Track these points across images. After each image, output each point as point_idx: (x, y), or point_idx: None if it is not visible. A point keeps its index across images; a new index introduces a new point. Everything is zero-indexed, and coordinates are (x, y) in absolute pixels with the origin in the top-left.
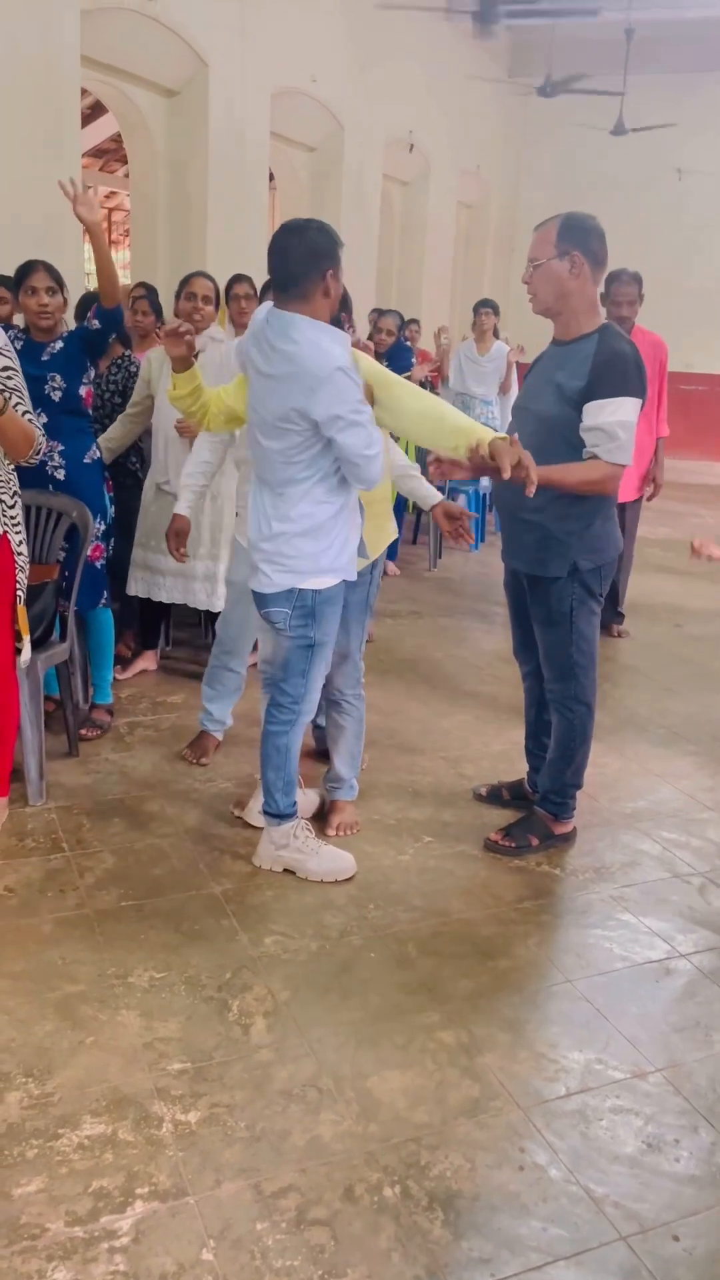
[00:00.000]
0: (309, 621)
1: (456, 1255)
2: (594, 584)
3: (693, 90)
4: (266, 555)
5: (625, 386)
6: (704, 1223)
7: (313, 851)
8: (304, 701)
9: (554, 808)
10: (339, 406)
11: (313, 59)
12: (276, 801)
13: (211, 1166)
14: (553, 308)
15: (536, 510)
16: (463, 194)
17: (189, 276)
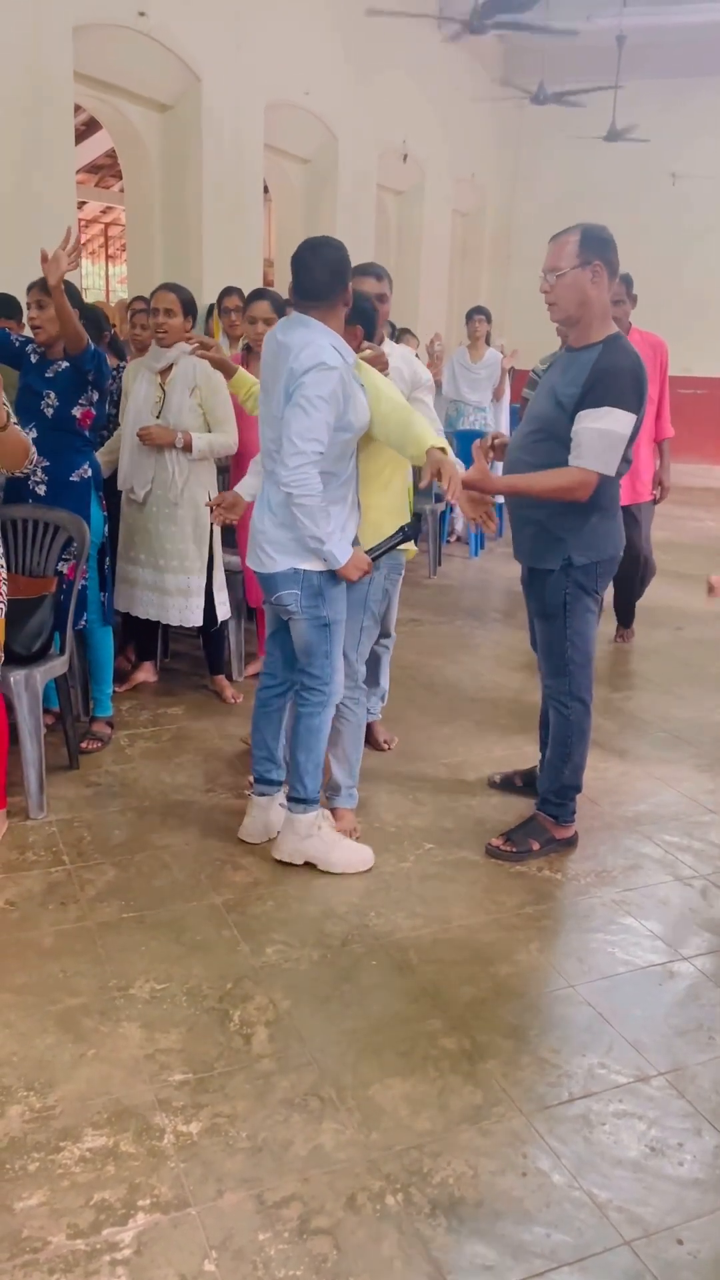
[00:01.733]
0: (318, 601)
1: (459, 1262)
2: (589, 580)
3: (685, 95)
4: (267, 537)
5: (616, 398)
6: (708, 1226)
7: (335, 843)
8: (331, 682)
9: (554, 810)
10: (305, 390)
11: (306, 71)
12: (305, 785)
13: (213, 1177)
14: (573, 315)
15: (536, 507)
16: (457, 202)
17: (154, 290)
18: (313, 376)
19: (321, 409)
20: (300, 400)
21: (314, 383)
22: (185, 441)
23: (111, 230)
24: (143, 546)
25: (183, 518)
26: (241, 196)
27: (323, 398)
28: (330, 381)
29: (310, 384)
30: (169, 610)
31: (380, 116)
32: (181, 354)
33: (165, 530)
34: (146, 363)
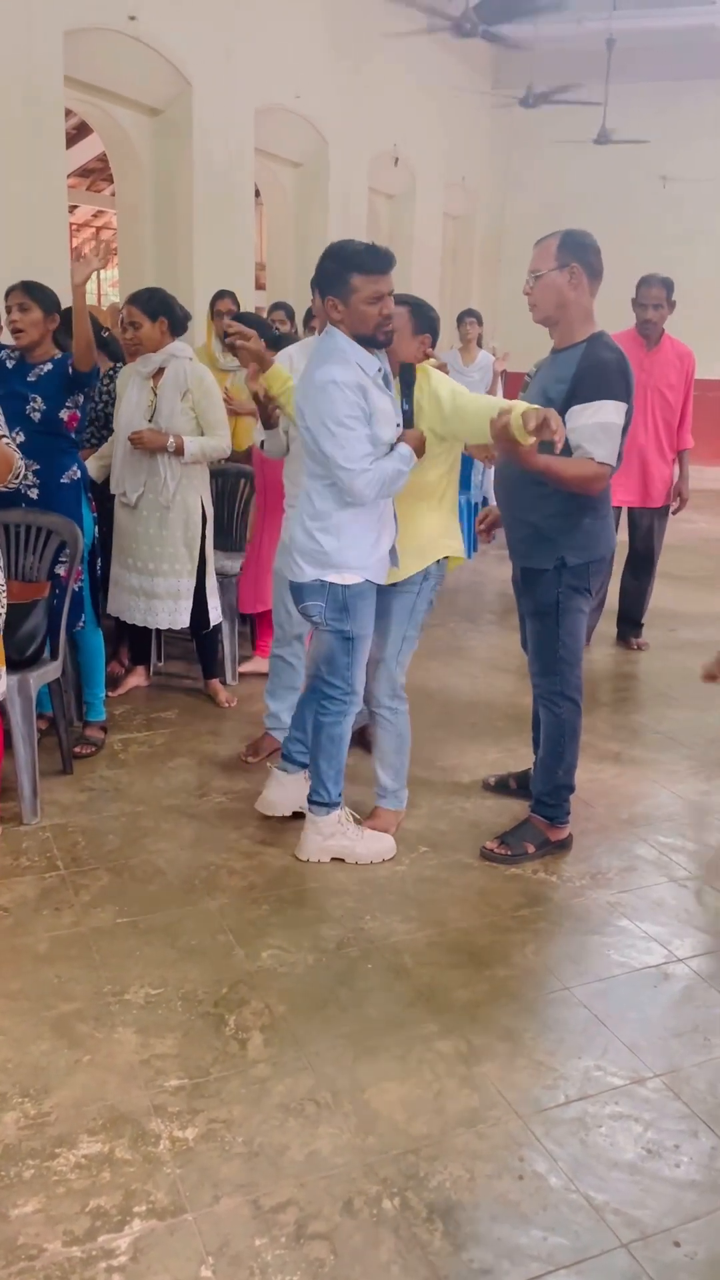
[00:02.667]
0: (342, 615)
1: (456, 1266)
2: (581, 580)
3: (675, 98)
4: (299, 547)
5: (606, 390)
6: (705, 1228)
7: (359, 836)
8: (353, 691)
9: (549, 811)
10: (323, 415)
11: (296, 75)
12: (328, 790)
13: (209, 1183)
14: (552, 316)
15: (529, 508)
16: (449, 206)
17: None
18: (329, 393)
19: (352, 426)
20: (330, 426)
21: (330, 404)
22: (177, 445)
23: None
24: (134, 550)
25: (174, 521)
26: (232, 200)
27: (351, 417)
28: (347, 399)
29: (326, 407)
30: (158, 613)
31: (371, 120)
32: (170, 358)
33: (157, 534)
34: (137, 368)
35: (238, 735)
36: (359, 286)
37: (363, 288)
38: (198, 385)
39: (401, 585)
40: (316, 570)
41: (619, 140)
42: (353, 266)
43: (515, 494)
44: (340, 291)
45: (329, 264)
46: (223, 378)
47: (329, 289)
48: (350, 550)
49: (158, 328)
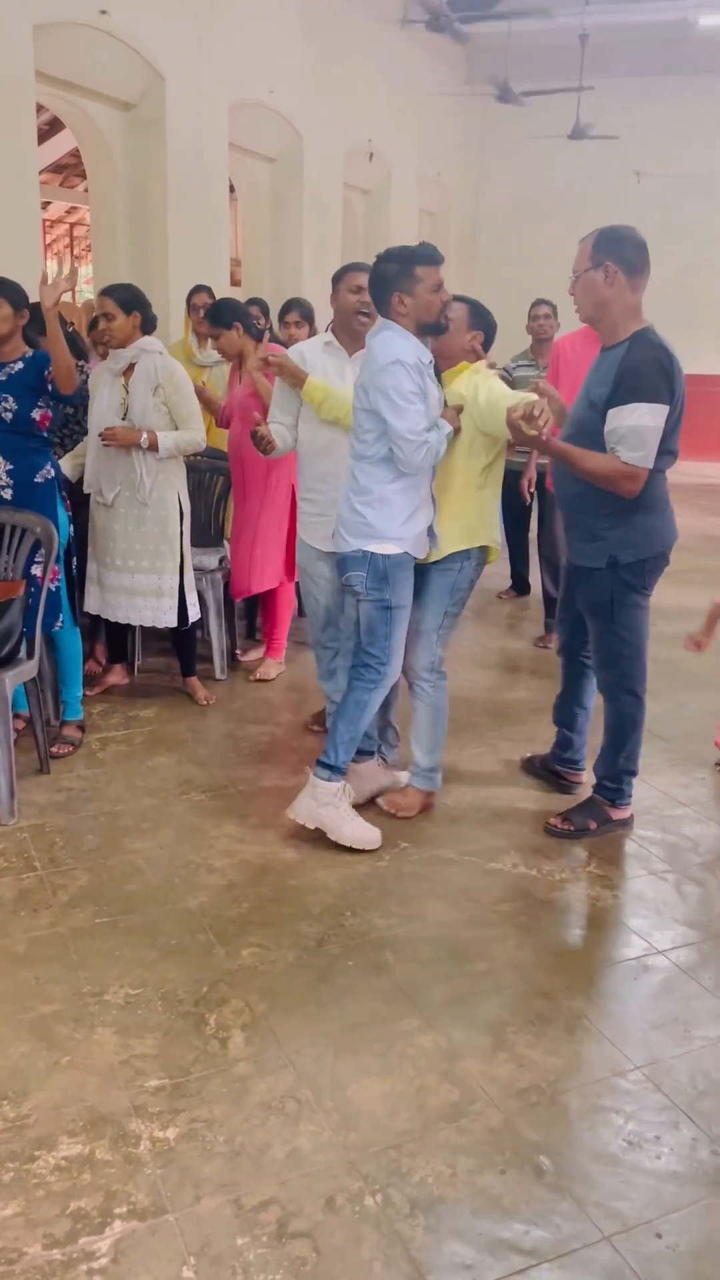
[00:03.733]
0: (383, 584)
1: (439, 1262)
2: (635, 577)
3: (649, 94)
4: (342, 519)
5: (644, 392)
6: (687, 1219)
7: (349, 817)
8: (389, 663)
9: (610, 794)
10: (389, 390)
11: (270, 70)
12: (338, 753)
13: (191, 1183)
14: (593, 315)
15: (581, 507)
16: (424, 202)
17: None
18: (393, 371)
19: (414, 401)
20: (394, 398)
21: (395, 380)
22: (151, 441)
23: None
24: (113, 549)
25: (152, 518)
26: (207, 196)
27: (413, 393)
28: (410, 376)
29: (392, 381)
30: (140, 611)
31: (345, 115)
32: (141, 353)
33: (135, 531)
34: (108, 366)
35: (217, 733)
36: (423, 276)
37: (426, 277)
38: (168, 379)
39: (444, 562)
40: (359, 540)
41: (593, 136)
42: (415, 261)
43: (568, 493)
44: (407, 285)
45: (391, 265)
46: (199, 373)
47: (395, 285)
48: (390, 522)
49: (130, 321)
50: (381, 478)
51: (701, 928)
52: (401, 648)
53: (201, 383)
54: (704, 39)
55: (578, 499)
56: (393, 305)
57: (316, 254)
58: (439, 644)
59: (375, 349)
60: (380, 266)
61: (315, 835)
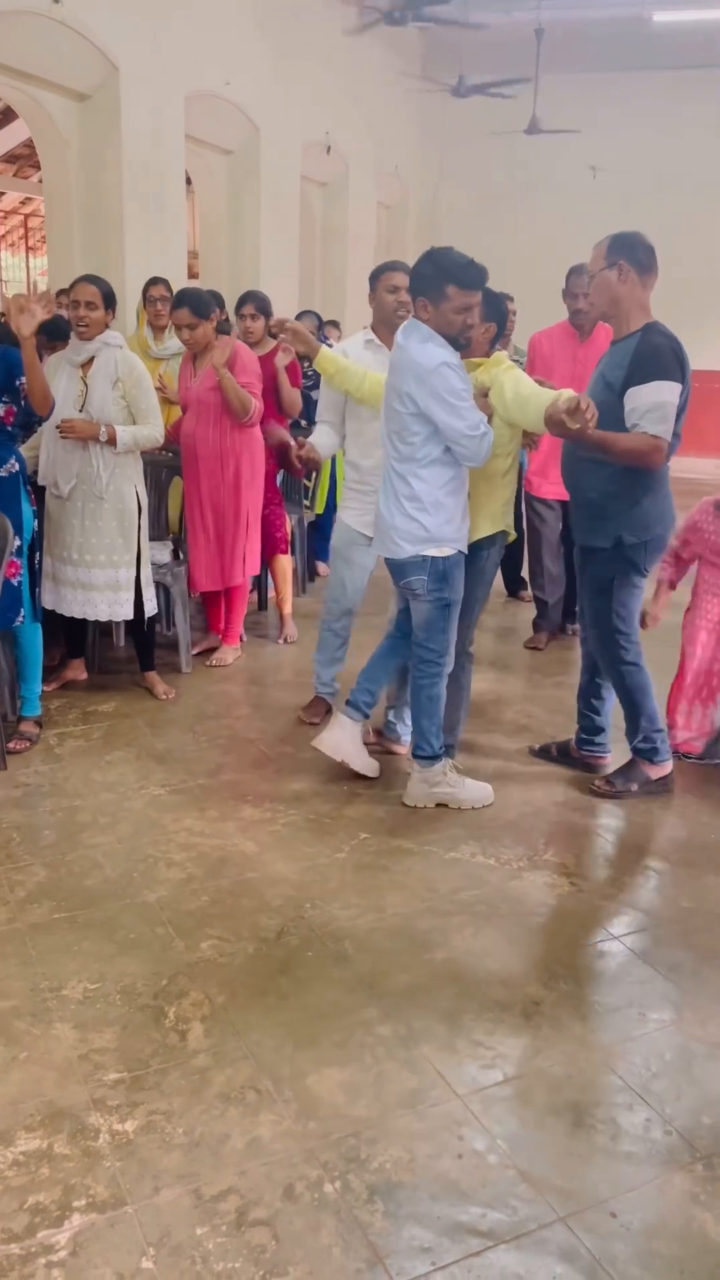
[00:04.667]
0: (443, 584)
1: (397, 1246)
2: (638, 558)
3: (605, 89)
4: (395, 528)
5: (659, 371)
6: (640, 1198)
7: (461, 784)
8: (446, 655)
9: (647, 754)
10: (443, 391)
11: (226, 62)
12: (431, 744)
13: (150, 1174)
14: (607, 312)
15: (590, 486)
16: (382, 195)
17: (74, 282)
18: (442, 373)
19: (466, 399)
20: (449, 399)
21: (447, 381)
22: (109, 435)
23: (31, 221)
24: (69, 543)
25: (109, 512)
26: (163, 187)
27: (464, 391)
28: (458, 375)
29: (444, 383)
30: (97, 605)
31: (302, 108)
32: (103, 346)
33: (91, 525)
34: (67, 356)
35: (176, 727)
36: (452, 296)
37: (455, 298)
38: (128, 373)
39: (472, 550)
40: (417, 546)
41: (549, 130)
42: (451, 278)
43: (578, 473)
44: (433, 295)
45: (428, 267)
46: (155, 365)
47: (422, 290)
48: (447, 526)
49: (108, 316)
50: (435, 481)
51: (656, 913)
52: (455, 636)
53: (159, 375)
54: (659, 35)
55: (586, 480)
56: (417, 306)
57: (273, 247)
58: (471, 627)
59: (415, 355)
60: (420, 264)
61: (274, 829)
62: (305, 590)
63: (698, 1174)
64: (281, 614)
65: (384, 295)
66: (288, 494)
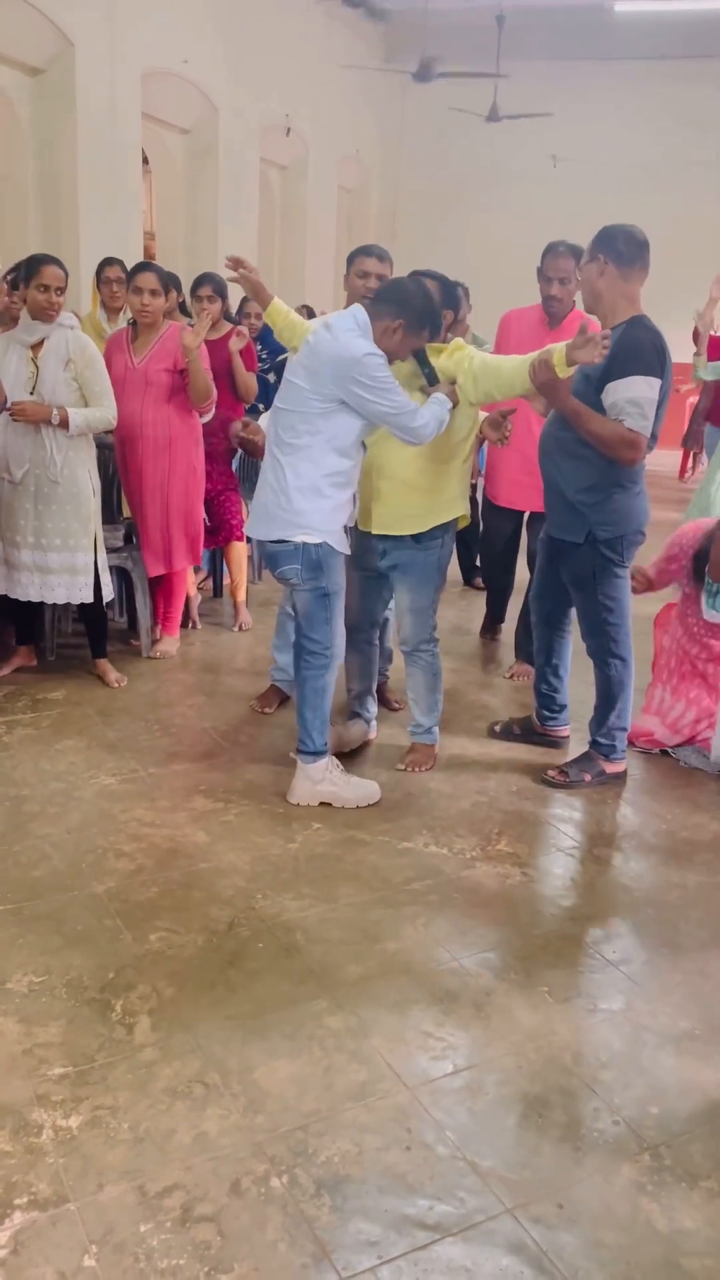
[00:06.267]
0: (317, 573)
1: (343, 1240)
2: (614, 551)
3: (565, 78)
4: (268, 511)
5: (638, 366)
6: (587, 1189)
7: (345, 783)
8: (332, 646)
9: (605, 749)
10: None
11: (184, 40)
12: (314, 740)
13: (94, 1171)
14: (592, 306)
15: (564, 479)
16: (343, 179)
17: (40, 264)
18: (368, 362)
19: (392, 384)
20: (373, 385)
21: (374, 369)
22: (61, 418)
23: None
24: (23, 527)
25: (63, 495)
26: (119, 166)
27: (386, 376)
28: (383, 362)
29: (371, 371)
30: (54, 589)
31: (262, 89)
32: (57, 327)
33: (45, 510)
34: (17, 336)
35: (128, 715)
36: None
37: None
38: (80, 354)
39: (426, 541)
40: (284, 531)
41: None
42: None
43: (552, 466)
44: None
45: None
46: None
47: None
48: (317, 514)
49: (65, 297)
50: (320, 467)
51: (607, 904)
52: (342, 629)
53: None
54: (620, 25)
55: (560, 473)
56: (386, 325)
57: (232, 227)
58: (432, 614)
59: (343, 343)
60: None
61: (226, 819)
62: (260, 577)
63: (644, 1164)
64: (236, 601)
65: (354, 280)
66: (245, 479)
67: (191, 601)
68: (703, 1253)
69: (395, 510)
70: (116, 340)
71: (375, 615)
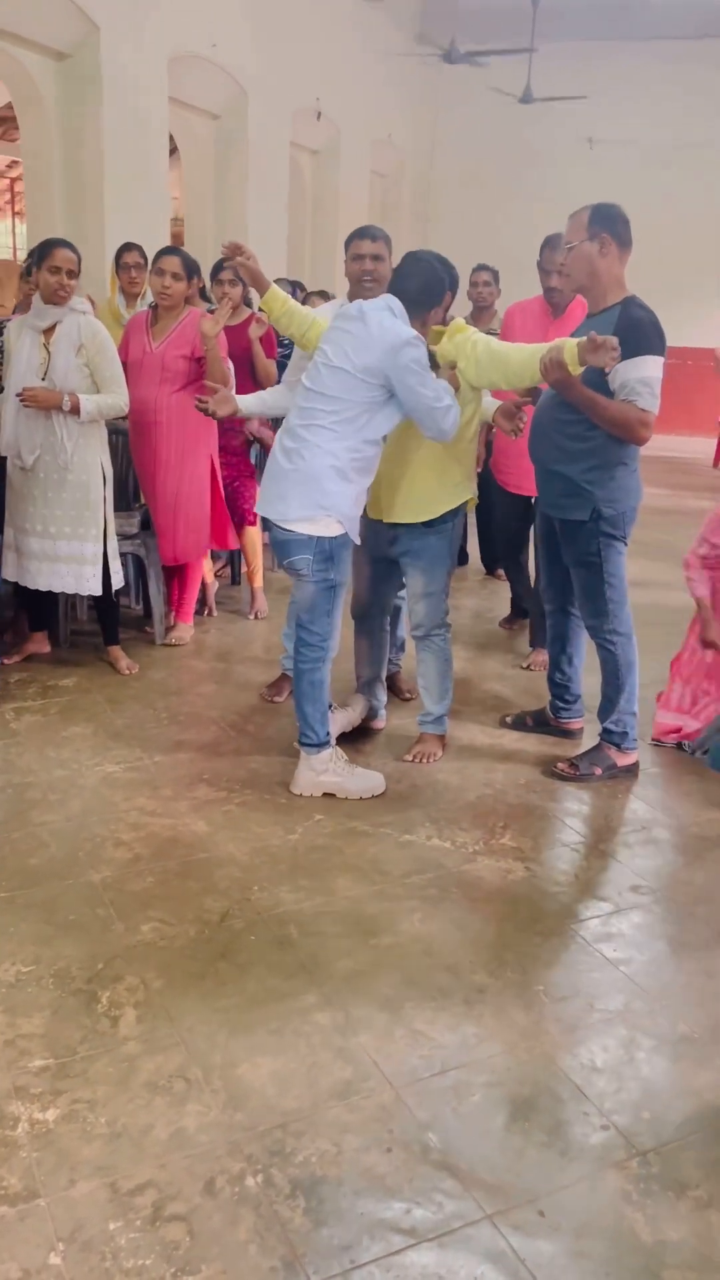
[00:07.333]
0: (328, 565)
1: (315, 1244)
2: (617, 528)
3: (602, 59)
4: (284, 498)
5: (646, 346)
6: (571, 1196)
7: (349, 773)
8: (330, 639)
9: (616, 739)
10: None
11: (212, 23)
12: (315, 731)
13: (66, 1166)
14: (585, 284)
15: (565, 462)
16: (375, 163)
17: (51, 247)
18: (416, 345)
19: (430, 373)
20: (418, 370)
21: (417, 353)
22: (73, 404)
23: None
24: (32, 515)
25: (73, 483)
26: (145, 151)
27: (427, 363)
28: (424, 351)
29: (414, 355)
30: (63, 578)
31: (292, 72)
32: (69, 312)
33: (55, 497)
34: (29, 321)
35: (137, 703)
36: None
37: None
38: (91, 340)
39: (438, 525)
40: (308, 511)
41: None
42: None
43: (551, 449)
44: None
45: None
46: None
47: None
48: (343, 500)
49: (79, 281)
50: (355, 451)
51: (610, 900)
52: (340, 622)
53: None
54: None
55: (562, 454)
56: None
57: (262, 214)
58: (445, 598)
59: (387, 327)
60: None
61: (227, 809)
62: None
63: (632, 1171)
64: (253, 588)
65: (350, 263)
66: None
67: (208, 588)
68: (685, 1265)
69: (405, 497)
70: (136, 323)
71: (386, 602)
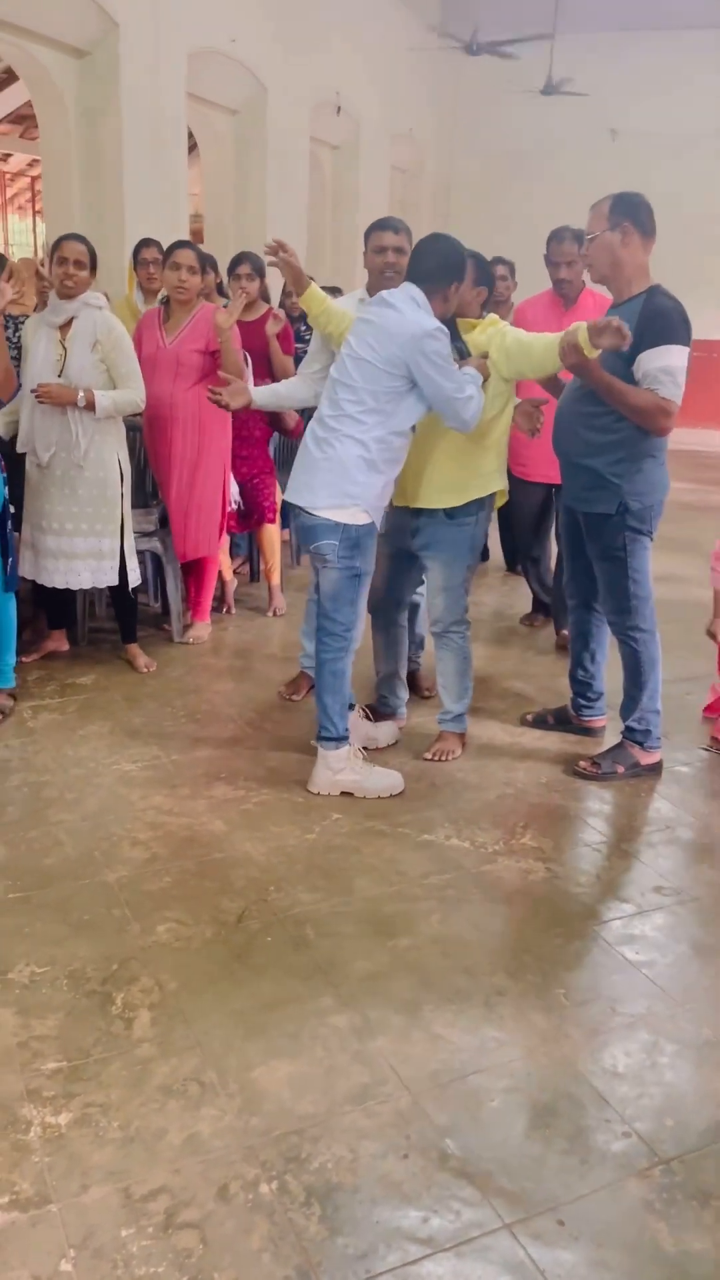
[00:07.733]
0: (354, 552)
1: (330, 1252)
2: (644, 522)
3: (624, 50)
4: (311, 488)
5: (670, 335)
6: (592, 1204)
7: (368, 772)
8: (353, 629)
9: (639, 737)
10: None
11: (231, 18)
12: (335, 724)
13: (79, 1171)
14: (607, 275)
15: (591, 455)
16: (396, 158)
17: (60, 240)
18: (437, 336)
19: (452, 364)
20: (438, 362)
21: (441, 346)
22: (88, 400)
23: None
24: (48, 512)
25: (89, 480)
26: (164, 147)
27: (449, 355)
28: (446, 343)
29: (435, 347)
30: (80, 574)
31: (311, 67)
32: (83, 306)
33: (71, 494)
34: (46, 318)
35: (154, 701)
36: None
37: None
38: (107, 335)
39: (460, 516)
40: (333, 512)
41: (566, 91)
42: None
43: (576, 442)
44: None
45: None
46: None
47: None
48: (370, 490)
49: (92, 277)
50: (384, 442)
51: (632, 901)
52: (364, 611)
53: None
54: None
55: (587, 447)
56: (443, 293)
57: (281, 210)
58: (465, 594)
59: (410, 318)
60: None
61: (245, 808)
62: (298, 562)
63: (654, 1180)
64: (270, 585)
65: (371, 256)
66: (281, 462)
67: (227, 586)
68: (709, 1277)
69: (431, 483)
70: (149, 319)
71: (401, 596)
